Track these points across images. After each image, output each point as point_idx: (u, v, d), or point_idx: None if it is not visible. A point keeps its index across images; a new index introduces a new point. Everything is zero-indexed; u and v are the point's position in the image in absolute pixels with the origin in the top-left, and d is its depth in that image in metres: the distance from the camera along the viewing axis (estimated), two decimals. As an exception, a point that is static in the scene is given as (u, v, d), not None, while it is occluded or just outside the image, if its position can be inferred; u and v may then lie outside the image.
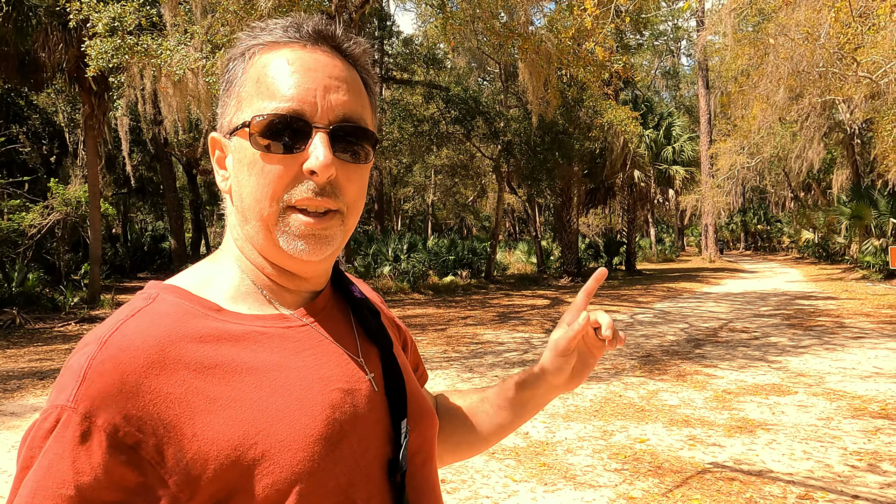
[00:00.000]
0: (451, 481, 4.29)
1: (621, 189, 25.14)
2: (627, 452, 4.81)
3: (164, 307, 0.72)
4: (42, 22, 13.42)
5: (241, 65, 0.78)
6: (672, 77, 51.65)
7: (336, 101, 0.75)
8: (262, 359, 0.72)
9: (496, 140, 19.52)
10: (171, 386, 0.66)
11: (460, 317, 13.19)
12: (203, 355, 0.69)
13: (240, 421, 0.67)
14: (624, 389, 6.77)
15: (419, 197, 37.19)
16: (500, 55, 19.90)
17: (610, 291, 18.51)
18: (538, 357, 7.47)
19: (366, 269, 18.69)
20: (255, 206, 0.74)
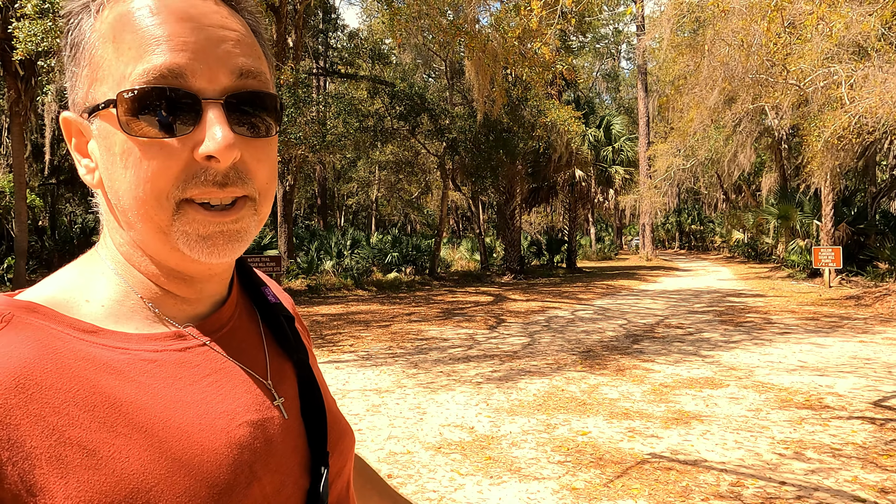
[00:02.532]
0: (397, 476, 4.29)
1: (563, 188, 25.62)
2: (570, 445, 4.92)
3: (22, 334, 0.54)
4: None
5: (87, 20, 0.59)
6: (612, 79, 52.96)
7: (228, 61, 0.58)
8: (153, 394, 0.57)
9: (441, 137, 19.58)
10: (37, 438, 0.51)
11: (404, 313, 13.18)
12: (78, 396, 0.53)
13: (127, 477, 0.53)
14: (566, 384, 6.92)
15: (363, 192, 36.93)
16: (446, 52, 19.96)
17: (552, 288, 18.85)
18: (482, 353, 7.54)
19: (308, 265, 18.44)
20: (139, 207, 0.58)
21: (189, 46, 0.56)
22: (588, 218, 38.56)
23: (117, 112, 0.56)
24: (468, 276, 22.00)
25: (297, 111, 14.33)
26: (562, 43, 19.75)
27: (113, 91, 0.57)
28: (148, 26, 0.56)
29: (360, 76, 22.68)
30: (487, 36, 12.14)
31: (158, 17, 0.56)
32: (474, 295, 17.11)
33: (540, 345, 9.39)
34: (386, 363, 8.09)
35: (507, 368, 7.75)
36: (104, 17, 0.58)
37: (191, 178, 0.57)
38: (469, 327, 11.20)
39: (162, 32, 0.56)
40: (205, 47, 0.57)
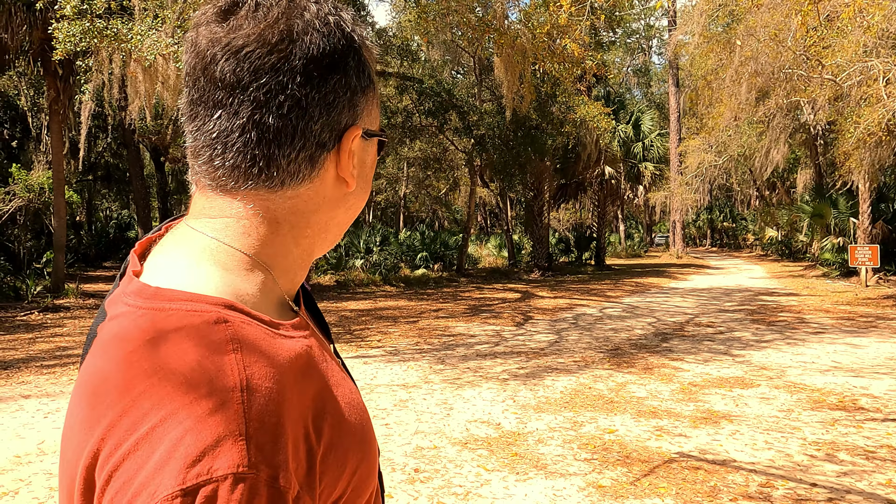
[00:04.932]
0: (423, 470, 4.33)
1: (592, 184, 25.42)
2: (597, 443, 4.91)
3: (250, 331, 0.59)
4: (5, 3, 13.04)
5: (360, 54, 0.68)
6: (643, 75, 52.30)
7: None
8: (329, 374, 0.66)
9: (469, 134, 19.58)
10: (319, 421, 0.60)
11: (432, 309, 13.24)
12: (308, 380, 0.62)
13: (353, 418, 0.66)
14: (593, 382, 6.89)
15: (391, 189, 37.09)
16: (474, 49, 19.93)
17: (580, 286, 18.75)
18: (509, 350, 7.57)
19: (337, 261, 18.61)
20: (352, 215, 0.74)
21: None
22: (617, 215, 38.21)
23: (378, 143, 0.75)
24: (496, 273, 21.98)
25: (326, 108, 14.44)
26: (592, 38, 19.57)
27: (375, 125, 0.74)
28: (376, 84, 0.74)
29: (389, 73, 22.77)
30: (517, 32, 12.11)
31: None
32: (502, 292, 17.10)
33: (567, 342, 9.36)
34: (413, 359, 8.15)
35: (534, 365, 7.75)
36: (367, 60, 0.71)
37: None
38: (496, 324, 11.21)
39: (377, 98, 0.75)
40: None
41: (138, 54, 8.78)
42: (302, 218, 0.67)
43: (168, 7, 9.82)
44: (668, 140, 30.33)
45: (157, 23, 9.29)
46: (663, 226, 54.25)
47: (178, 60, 9.52)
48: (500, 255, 26.08)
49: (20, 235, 16.99)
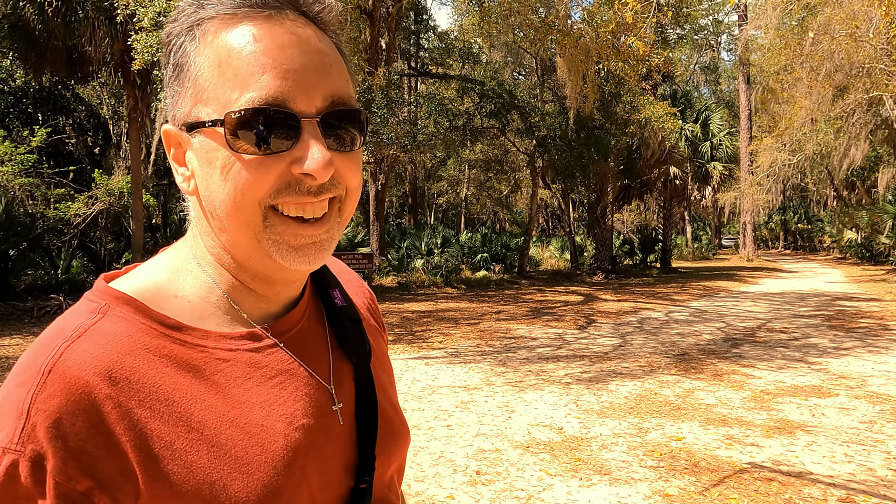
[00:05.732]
0: (485, 473, 4.32)
1: (657, 185, 24.82)
2: (663, 450, 4.78)
3: (116, 326, 0.62)
4: (89, 16, 13.77)
5: (190, 44, 0.63)
6: (712, 72, 50.71)
7: (321, 83, 0.63)
8: (224, 394, 0.64)
9: (531, 135, 19.45)
10: (125, 428, 0.58)
11: (493, 311, 13.21)
12: (160, 390, 0.61)
13: (198, 469, 0.60)
14: (659, 387, 6.72)
15: (453, 191, 37.23)
16: (537, 49, 19.79)
17: (644, 289, 18.32)
18: (571, 353, 7.47)
19: (399, 263, 18.81)
20: (235, 215, 0.63)
21: (290, 74, 0.61)
22: (684, 216, 37.15)
23: (224, 130, 0.61)
24: (557, 276, 21.74)
25: (389, 112, 14.64)
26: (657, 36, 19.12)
27: (218, 112, 0.61)
28: (252, 53, 0.61)
29: (451, 76, 22.88)
30: (580, 32, 11.95)
31: (261, 44, 0.61)
32: (564, 294, 16.90)
33: (632, 346, 9.16)
34: (474, 360, 8.15)
35: (598, 369, 7.62)
36: (208, 42, 0.62)
37: (284, 188, 0.62)
38: (558, 327, 11.08)
39: (266, 60, 0.61)
40: (304, 74, 0.62)
41: (210, 63, 9.10)
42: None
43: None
44: (738, 139, 29.29)
45: (228, 32, 9.60)
46: (733, 227, 52.42)
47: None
48: (562, 257, 25.77)
49: (101, 237, 17.90)
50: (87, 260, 16.60)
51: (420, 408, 5.95)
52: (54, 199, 16.68)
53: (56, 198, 16.62)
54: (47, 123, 18.01)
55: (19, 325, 11.04)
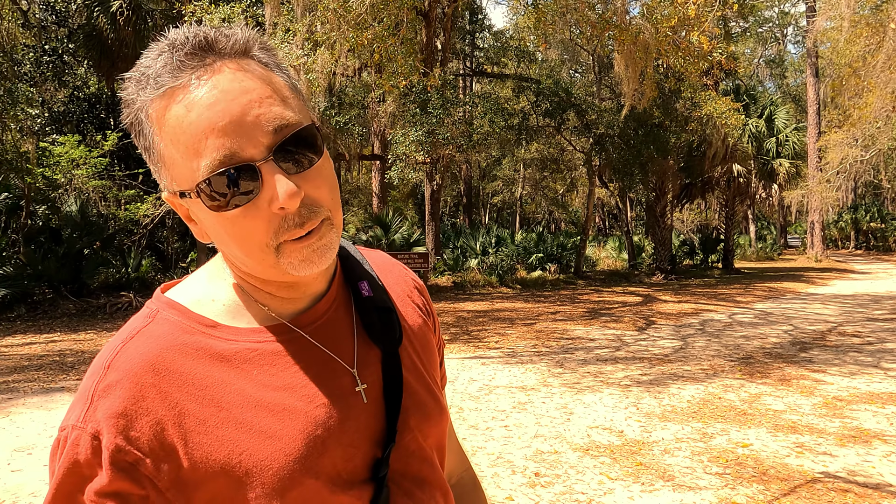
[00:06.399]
0: (544, 475, 4.28)
1: (719, 183, 24.07)
2: (729, 456, 4.63)
3: (162, 328, 0.75)
4: (157, 25, 14.32)
5: (147, 127, 0.71)
6: (777, 65, 48.87)
7: (259, 120, 0.68)
8: (251, 378, 0.75)
9: (588, 133, 19.17)
10: (166, 409, 0.70)
11: (549, 312, 13.09)
12: (195, 378, 0.73)
13: (227, 441, 0.71)
14: (723, 391, 6.52)
15: (508, 190, 37.07)
16: (593, 47, 19.50)
17: (706, 290, 17.82)
18: (630, 355, 7.34)
19: (454, 262, 18.85)
20: (249, 256, 0.73)
21: (228, 129, 0.67)
22: (747, 215, 35.95)
23: (201, 198, 0.70)
24: (615, 276, 21.37)
25: (444, 112, 14.68)
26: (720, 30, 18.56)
27: (189, 185, 0.71)
28: (191, 124, 0.68)
29: (506, 75, 22.79)
30: (638, 27, 11.70)
31: (193, 112, 0.68)
32: (622, 295, 16.60)
33: (693, 349, 8.92)
34: (531, 361, 8.08)
35: (658, 372, 7.45)
36: (158, 125, 0.70)
37: (278, 229, 0.70)
38: (616, 328, 10.89)
39: (203, 125, 0.67)
40: (239, 123, 0.68)
41: (272, 67, 9.32)
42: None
43: (298, 21, 10.37)
44: (806, 134, 28.12)
45: (289, 36, 9.83)
46: (799, 227, 50.43)
47: (308, 72, 10.02)
48: (620, 257, 25.31)
49: (168, 237, 18.58)
50: (156, 258, 17.27)
51: (477, 408, 5.95)
52: (125, 201, 17.42)
53: (126, 199, 17.35)
54: (118, 128, 18.82)
55: (93, 321, 11.58)
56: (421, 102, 14.66)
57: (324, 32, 9.59)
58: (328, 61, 9.65)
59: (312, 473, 0.73)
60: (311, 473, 0.73)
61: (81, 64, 19.52)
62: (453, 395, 6.41)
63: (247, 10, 9.54)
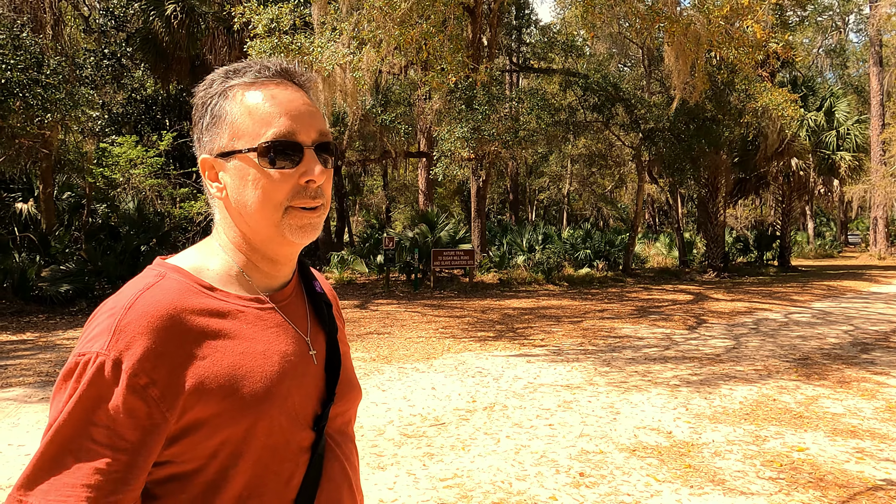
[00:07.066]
0: (589, 475, 4.21)
1: (775, 178, 23.27)
2: (783, 461, 4.46)
3: (172, 284, 0.94)
4: (210, 27, 14.68)
5: (224, 102, 0.97)
6: (838, 55, 46.97)
7: (312, 124, 0.97)
8: (241, 331, 0.96)
9: (637, 128, 18.79)
10: (175, 347, 0.88)
11: (596, 310, 12.89)
12: (199, 325, 0.92)
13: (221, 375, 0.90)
14: (778, 393, 6.29)
15: (555, 187, 36.69)
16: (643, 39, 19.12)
17: (760, 288, 17.27)
18: (680, 354, 7.14)
19: (500, 260, 18.75)
20: (263, 210, 0.95)
21: (295, 118, 0.96)
22: (805, 211, 34.70)
23: (255, 155, 0.95)
24: (665, 273, 20.92)
25: (490, 108, 14.61)
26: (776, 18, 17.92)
27: (251, 143, 0.95)
28: (270, 107, 0.96)
29: (553, 70, 22.54)
30: (689, 18, 11.40)
31: (276, 99, 0.97)
32: (672, 293, 16.23)
33: (747, 349, 8.65)
34: (577, 360, 7.97)
35: (709, 372, 7.25)
36: (238, 100, 0.97)
37: (297, 194, 0.96)
38: (666, 326, 10.65)
39: (278, 111, 0.96)
40: (303, 118, 0.97)
41: (318, 65, 9.45)
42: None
43: (344, 20, 10.47)
44: (869, 127, 26.94)
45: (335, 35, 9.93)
46: (861, 223, 48.44)
47: (354, 70, 10.12)
48: (670, 254, 24.76)
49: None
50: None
51: (521, 405, 5.89)
52: (179, 199, 17.93)
53: (181, 197, 17.86)
54: (173, 128, 19.38)
55: (149, 316, 11.94)
56: (466, 99, 14.63)
57: (369, 30, 9.65)
58: (373, 59, 9.71)
59: (282, 408, 0.94)
60: (282, 408, 0.94)
61: (139, 67, 20.17)
62: (498, 392, 6.38)
63: (294, 11, 9.68)
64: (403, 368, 7.51)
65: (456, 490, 3.98)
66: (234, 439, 0.91)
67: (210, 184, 1.01)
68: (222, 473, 0.91)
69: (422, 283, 16.71)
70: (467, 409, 5.82)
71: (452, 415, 5.63)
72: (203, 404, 0.88)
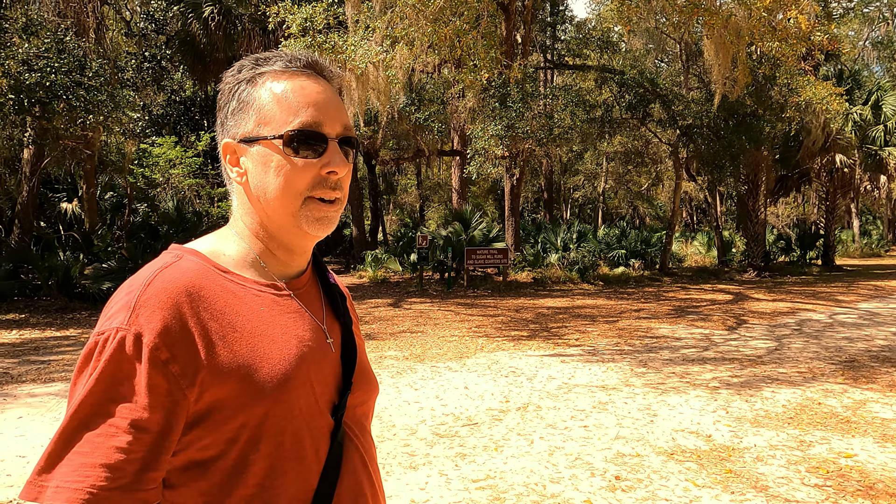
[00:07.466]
0: (625, 479, 4.10)
1: (819, 175, 22.59)
2: (830, 467, 4.29)
3: (189, 264, 0.93)
4: (246, 28, 14.87)
5: (252, 88, 0.97)
6: (885, 47, 45.40)
7: (337, 118, 0.97)
8: (259, 314, 0.95)
9: (674, 124, 18.42)
10: (194, 324, 0.88)
11: (632, 309, 12.68)
12: (218, 302, 0.92)
13: (238, 355, 0.89)
14: (823, 397, 6.07)
15: (590, 185, 36.27)
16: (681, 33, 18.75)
17: (803, 288, 16.79)
18: (719, 356, 6.96)
19: (534, 258, 18.59)
20: (283, 198, 0.95)
21: (322, 110, 0.97)
22: (850, 209, 33.64)
23: (281, 142, 0.95)
24: (703, 273, 20.49)
25: (524, 106, 14.48)
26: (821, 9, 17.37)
27: (277, 130, 0.95)
28: (298, 96, 0.96)
29: (589, 66, 22.26)
30: (730, 10, 11.11)
31: (305, 90, 0.97)
32: (710, 293, 15.88)
33: (790, 350, 8.39)
34: (613, 360, 7.83)
35: (750, 374, 7.04)
36: (266, 87, 0.97)
37: (318, 184, 0.96)
38: (704, 327, 10.41)
39: (305, 101, 0.96)
40: (329, 110, 0.97)
41: (352, 64, 9.47)
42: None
43: (377, 18, 10.47)
44: (919, 121, 25.91)
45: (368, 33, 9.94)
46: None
47: (387, 68, 10.11)
48: (708, 253, 24.24)
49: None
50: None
51: (555, 406, 5.80)
52: (217, 198, 18.22)
53: (218, 196, 18.14)
54: (211, 129, 19.69)
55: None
56: (500, 97, 14.53)
57: (402, 28, 9.63)
58: (406, 57, 9.69)
59: (299, 394, 0.93)
60: (299, 394, 0.93)
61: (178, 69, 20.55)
62: (531, 392, 6.29)
63: (328, 10, 9.72)
64: (436, 367, 7.47)
65: (488, 492, 3.92)
66: (253, 423, 0.89)
67: (230, 168, 1.00)
68: (242, 459, 0.89)
69: (455, 282, 16.67)
70: (500, 409, 5.75)
71: (485, 415, 5.57)
72: (220, 385, 0.87)
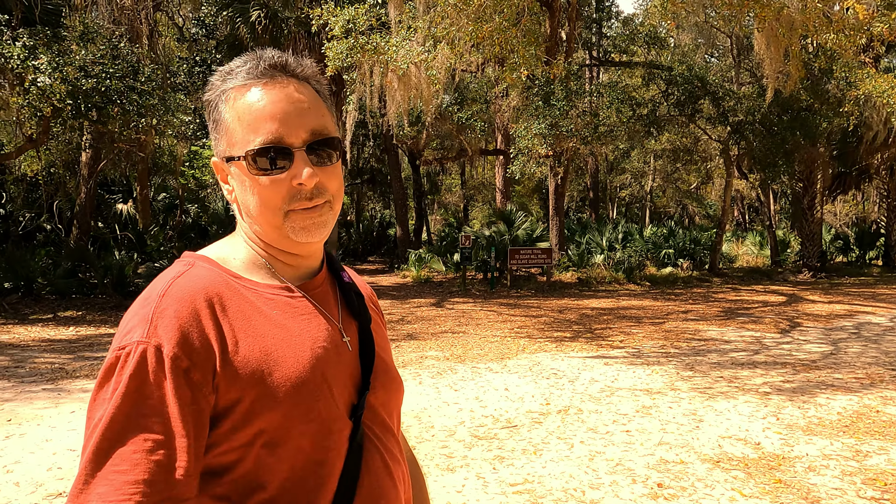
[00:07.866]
0: (668, 486, 3.98)
1: (879, 172, 21.67)
2: (888, 479, 4.08)
3: (201, 271, 0.95)
4: (292, 31, 15.09)
5: (222, 106, 0.97)
6: (952, 37, 43.30)
7: (303, 122, 0.95)
8: (272, 317, 0.95)
9: (725, 121, 17.91)
10: (211, 329, 0.89)
11: (680, 311, 12.37)
12: (233, 308, 0.93)
13: (254, 360, 0.90)
14: (882, 404, 5.79)
15: (637, 184, 35.61)
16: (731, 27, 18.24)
17: (862, 290, 16.11)
18: (771, 360, 6.69)
19: (579, 258, 18.34)
20: (263, 216, 0.97)
21: (283, 120, 0.94)
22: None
23: (245, 162, 0.95)
24: (755, 273, 19.88)
25: (568, 104, 14.29)
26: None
27: (241, 151, 0.95)
28: (256, 113, 0.95)
29: (635, 63, 21.85)
30: (782, 2, 10.72)
31: (262, 102, 0.95)
32: (762, 294, 15.39)
33: (846, 355, 8.05)
34: (658, 363, 7.65)
35: (803, 379, 6.78)
36: (230, 105, 0.97)
37: (293, 198, 0.95)
38: (755, 329, 10.07)
39: (264, 115, 0.95)
40: (291, 119, 0.95)
41: (394, 64, 9.50)
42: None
43: (419, 18, 10.48)
44: None
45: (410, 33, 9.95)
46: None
47: (429, 68, 10.11)
48: (761, 253, 23.50)
49: (302, 233, 19.57)
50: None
51: (597, 409, 5.68)
52: (264, 199, 18.53)
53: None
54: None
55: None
56: (544, 95, 14.38)
57: (444, 28, 9.61)
58: (448, 57, 9.66)
59: (315, 397, 0.93)
60: (315, 397, 0.93)
61: (226, 73, 20.97)
62: (573, 395, 6.18)
63: (370, 11, 9.78)
64: (477, 368, 7.43)
65: (526, 496, 3.85)
66: (271, 427, 0.89)
67: (223, 186, 1.04)
68: (260, 465, 0.89)
69: (498, 282, 16.58)
70: (540, 411, 5.67)
71: (525, 417, 5.50)
72: (235, 391, 0.88)
